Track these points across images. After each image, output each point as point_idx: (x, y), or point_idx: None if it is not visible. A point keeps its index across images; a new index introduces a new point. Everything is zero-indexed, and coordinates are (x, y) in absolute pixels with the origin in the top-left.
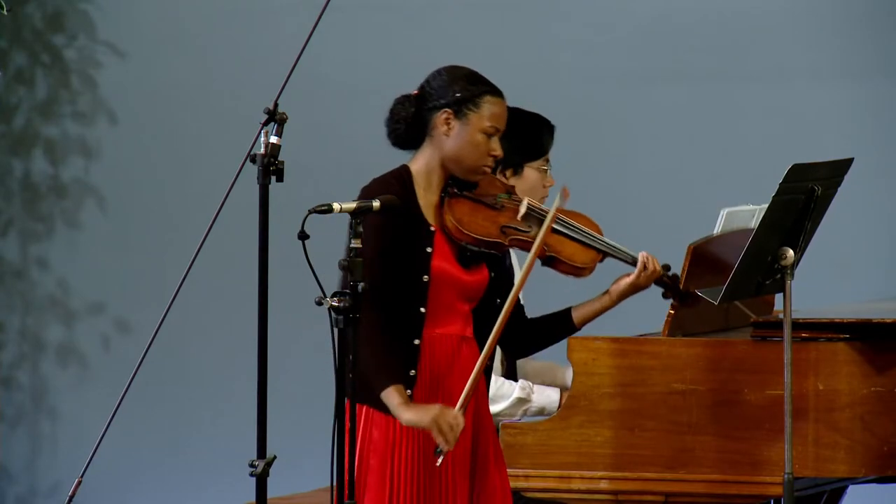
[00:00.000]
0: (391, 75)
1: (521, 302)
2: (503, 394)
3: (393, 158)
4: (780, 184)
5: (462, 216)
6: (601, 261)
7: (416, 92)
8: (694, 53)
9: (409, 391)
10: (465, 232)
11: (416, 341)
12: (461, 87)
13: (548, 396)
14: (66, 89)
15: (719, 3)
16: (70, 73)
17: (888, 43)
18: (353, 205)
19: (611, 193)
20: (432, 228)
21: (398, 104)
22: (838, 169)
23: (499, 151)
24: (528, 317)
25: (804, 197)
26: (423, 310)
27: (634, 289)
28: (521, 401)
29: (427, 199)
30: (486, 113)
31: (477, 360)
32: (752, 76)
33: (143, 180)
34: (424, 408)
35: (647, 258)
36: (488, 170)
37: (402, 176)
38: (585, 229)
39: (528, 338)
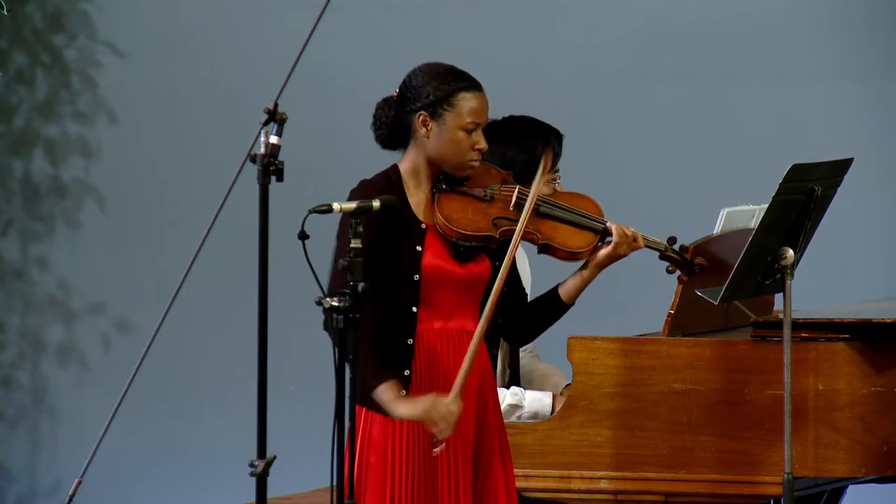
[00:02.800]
0: (391, 75)
1: (528, 292)
2: None
3: (393, 158)
4: (780, 184)
5: (450, 213)
6: (601, 242)
7: (395, 94)
8: (694, 53)
9: (404, 392)
10: (454, 228)
11: (410, 341)
12: (434, 88)
13: (539, 401)
14: (66, 89)
15: (719, 3)
16: (70, 73)
17: (888, 43)
18: (353, 205)
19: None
20: (424, 226)
21: (379, 108)
22: (838, 169)
23: (483, 144)
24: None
25: (804, 197)
26: (414, 309)
27: (611, 259)
28: (514, 407)
29: (418, 196)
30: (463, 110)
31: (486, 351)
32: (752, 76)
33: (143, 180)
34: (416, 400)
35: (620, 228)
36: (475, 164)
37: (390, 176)
38: (578, 210)
39: (526, 324)
